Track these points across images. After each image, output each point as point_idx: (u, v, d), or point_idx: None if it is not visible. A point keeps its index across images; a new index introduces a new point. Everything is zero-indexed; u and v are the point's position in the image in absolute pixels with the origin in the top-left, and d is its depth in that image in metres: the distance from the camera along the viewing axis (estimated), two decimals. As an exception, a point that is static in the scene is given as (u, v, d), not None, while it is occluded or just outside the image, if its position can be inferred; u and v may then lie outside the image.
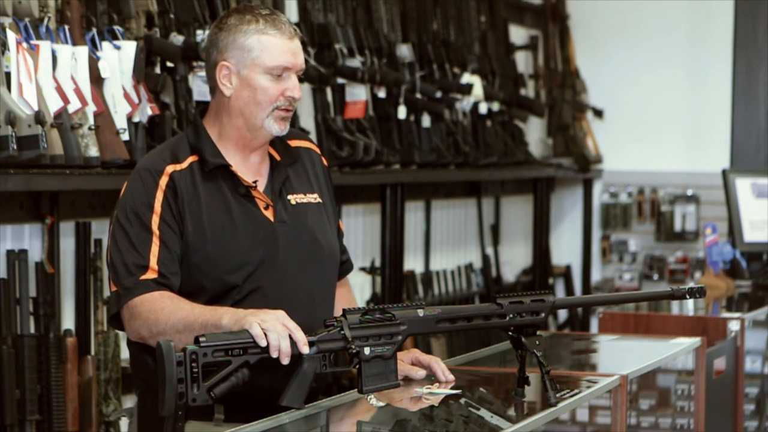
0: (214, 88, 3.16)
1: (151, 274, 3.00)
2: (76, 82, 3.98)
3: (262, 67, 3.08)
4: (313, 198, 3.23)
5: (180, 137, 3.20)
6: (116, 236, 3.05)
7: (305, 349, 2.82)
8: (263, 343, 2.78)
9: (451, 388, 3.13)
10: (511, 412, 3.05)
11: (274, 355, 2.79)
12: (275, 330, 2.79)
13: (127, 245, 3.02)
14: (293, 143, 3.28)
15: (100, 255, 4.37)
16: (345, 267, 3.38)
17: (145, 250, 3.01)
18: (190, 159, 3.11)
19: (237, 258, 3.06)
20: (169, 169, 3.08)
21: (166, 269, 3.01)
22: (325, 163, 3.35)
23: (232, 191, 3.11)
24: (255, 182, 3.13)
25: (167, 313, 2.94)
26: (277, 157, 3.21)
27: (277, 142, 3.23)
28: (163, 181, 3.06)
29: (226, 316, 2.86)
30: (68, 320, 4.31)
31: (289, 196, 3.18)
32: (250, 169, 3.16)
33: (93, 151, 3.99)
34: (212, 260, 3.05)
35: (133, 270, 3.00)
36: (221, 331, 2.83)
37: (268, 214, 3.12)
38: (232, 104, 3.12)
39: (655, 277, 8.19)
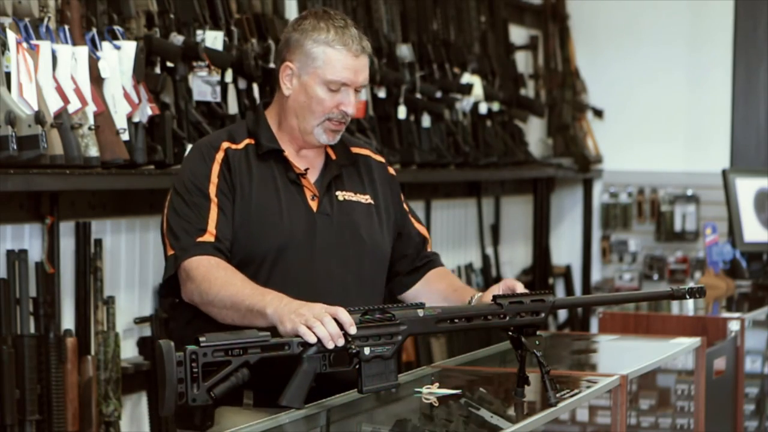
0: (277, 84, 3.27)
1: (208, 237, 3.09)
2: (76, 82, 3.98)
3: (322, 78, 3.17)
4: (364, 198, 3.31)
5: (240, 122, 3.35)
6: (174, 204, 3.15)
7: (352, 330, 2.85)
8: (312, 340, 2.81)
9: (451, 388, 3.13)
10: (511, 412, 3.05)
11: (330, 345, 2.82)
12: (318, 324, 2.82)
13: (186, 211, 3.12)
14: (354, 149, 3.38)
15: (100, 255, 4.37)
16: (432, 264, 3.49)
17: (203, 215, 3.11)
18: (246, 141, 3.24)
19: (276, 240, 3.13)
20: (225, 145, 3.21)
21: (223, 235, 3.10)
22: (391, 172, 3.43)
23: (282, 176, 3.21)
24: (306, 170, 3.23)
25: (219, 285, 3.01)
26: (333, 156, 3.31)
27: (337, 144, 3.31)
28: (219, 155, 3.18)
29: (271, 307, 2.90)
30: (68, 320, 4.30)
31: (338, 192, 3.27)
32: (303, 160, 3.27)
33: (93, 151, 3.99)
34: (253, 237, 3.13)
35: (191, 232, 3.09)
36: (265, 319, 2.89)
37: (313, 204, 3.21)
38: (289, 104, 3.23)
39: (655, 277, 8.19)
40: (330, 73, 3.17)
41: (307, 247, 3.17)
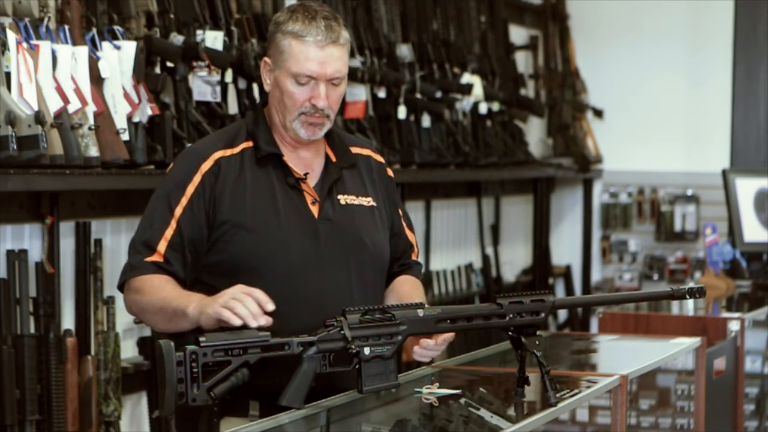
0: None
1: (156, 258, 3.05)
2: (76, 82, 3.98)
3: (289, 72, 3.09)
4: (366, 201, 3.23)
5: (241, 123, 3.25)
6: (148, 208, 3.12)
7: (269, 307, 2.83)
8: (237, 322, 2.80)
9: (451, 388, 3.13)
10: (511, 412, 3.05)
11: (252, 324, 2.80)
12: (239, 304, 2.82)
13: (147, 223, 3.09)
14: (354, 149, 3.29)
15: (100, 255, 4.37)
16: (407, 270, 3.35)
17: (159, 232, 3.06)
18: (244, 144, 3.15)
19: (275, 248, 3.07)
20: (217, 154, 3.12)
21: (172, 256, 3.05)
22: (390, 174, 3.35)
23: (280, 181, 3.13)
24: (306, 175, 3.15)
25: (151, 293, 3.00)
26: (333, 158, 3.22)
27: (338, 144, 3.24)
28: (206, 165, 3.10)
29: (192, 305, 2.90)
30: (68, 320, 4.30)
31: (339, 196, 3.18)
32: (302, 162, 3.17)
33: (93, 151, 3.99)
34: (249, 245, 3.06)
35: (141, 249, 3.07)
36: (188, 318, 2.88)
37: (314, 209, 3.14)
38: (270, 99, 3.18)
39: (655, 277, 8.19)
40: (294, 66, 3.07)
41: (311, 254, 3.10)
